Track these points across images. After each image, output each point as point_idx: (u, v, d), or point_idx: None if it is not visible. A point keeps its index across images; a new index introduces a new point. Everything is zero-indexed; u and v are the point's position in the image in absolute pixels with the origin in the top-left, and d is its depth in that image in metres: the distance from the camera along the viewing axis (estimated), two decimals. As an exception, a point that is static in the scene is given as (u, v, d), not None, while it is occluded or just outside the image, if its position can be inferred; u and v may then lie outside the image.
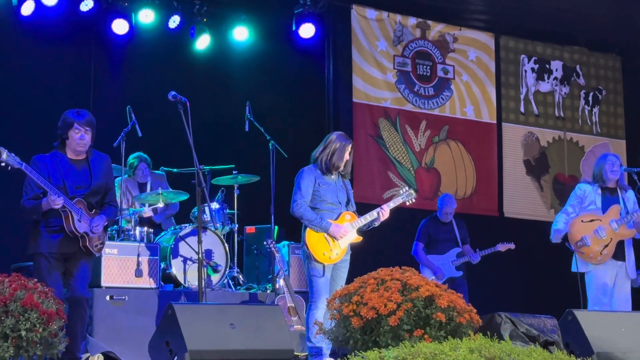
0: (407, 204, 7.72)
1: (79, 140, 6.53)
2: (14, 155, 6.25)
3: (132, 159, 9.49)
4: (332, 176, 7.39)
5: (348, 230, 7.29)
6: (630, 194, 8.40)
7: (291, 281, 8.88)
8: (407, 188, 7.81)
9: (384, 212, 7.40)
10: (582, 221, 8.31)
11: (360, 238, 7.43)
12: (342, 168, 7.38)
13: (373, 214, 7.39)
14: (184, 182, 9.45)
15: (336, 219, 7.30)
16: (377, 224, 7.48)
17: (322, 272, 7.17)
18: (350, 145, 7.42)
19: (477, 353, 4.09)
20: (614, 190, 8.41)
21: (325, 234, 7.22)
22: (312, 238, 7.22)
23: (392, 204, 7.52)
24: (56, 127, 6.69)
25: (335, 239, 7.23)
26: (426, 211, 10.87)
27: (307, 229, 7.24)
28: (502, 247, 10.22)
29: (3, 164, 6.23)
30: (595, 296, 8.10)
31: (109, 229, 7.24)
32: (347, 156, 7.37)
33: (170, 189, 9.36)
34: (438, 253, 10.11)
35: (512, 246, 10.25)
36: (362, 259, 7.81)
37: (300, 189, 7.29)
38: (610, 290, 8.17)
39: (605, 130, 13.70)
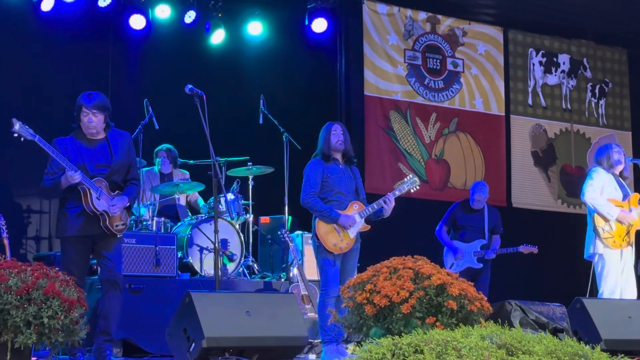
0: (412, 191, 7.65)
1: (88, 123, 6.44)
2: (27, 127, 6.17)
3: (158, 147, 9.58)
4: (340, 165, 7.38)
5: (356, 219, 7.29)
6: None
7: (304, 270, 8.88)
8: (411, 176, 7.74)
9: (388, 201, 7.36)
10: None
11: (368, 227, 7.40)
12: (342, 147, 7.36)
13: (380, 203, 7.36)
14: (200, 173, 9.47)
15: (344, 208, 7.30)
16: (386, 214, 7.44)
17: (333, 261, 7.17)
18: (334, 126, 7.41)
19: (488, 340, 4.07)
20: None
21: (335, 225, 7.22)
22: (322, 229, 7.22)
23: (397, 192, 7.49)
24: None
25: (344, 229, 7.22)
26: (436, 202, 10.85)
27: (317, 219, 7.25)
28: (524, 249, 9.96)
29: (15, 135, 6.15)
30: (612, 281, 8.01)
31: (132, 213, 7.12)
32: (335, 137, 7.36)
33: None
34: (462, 241, 9.91)
35: (535, 250, 10.03)
36: (374, 248, 7.81)
37: (309, 181, 7.29)
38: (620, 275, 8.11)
39: (611, 122, 13.67)
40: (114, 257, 6.48)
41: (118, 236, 6.51)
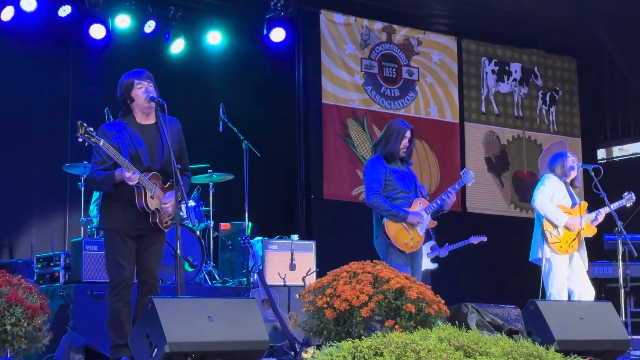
0: (469, 184, 7.56)
1: (144, 94, 6.08)
2: (92, 129, 5.76)
3: None
4: (399, 164, 7.25)
5: (424, 216, 7.15)
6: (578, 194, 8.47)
7: (265, 275, 8.85)
8: (465, 169, 7.62)
9: (451, 195, 7.25)
10: None
11: (435, 223, 7.32)
12: (404, 155, 7.23)
13: (443, 198, 7.23)
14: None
15: (409, 206, 7.16)
16: (447, 209, 7.34)
17: (407, 260, 7.04)
18: (408, 131, 7.22)
19: (446, 342, 4.10)
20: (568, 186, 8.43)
21: (404, 223, 7.10)
22: (392, 228, 7.09)
23: (457, 186, 7.35)
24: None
25: (414, 227, 7.12)
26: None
27: (386, 219, 7.09)
28: (474, 240, 10.09)
29: (80, 140, 5.74)
30: (558, 283, 8.09)
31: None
32: (406, 144, 7.20)
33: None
34: None
35: (484, 239, 10.13)
36: (332, 254, 7.81)
37: (373, 180, 7.13)
38: (567, 279, 8.19)
39: (561, 129, 13.83)
40: (153, 258, 6.17)
41: (165, 232, 6.19)
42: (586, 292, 8.13)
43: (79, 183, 9.20)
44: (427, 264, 9.85)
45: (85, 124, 5.72)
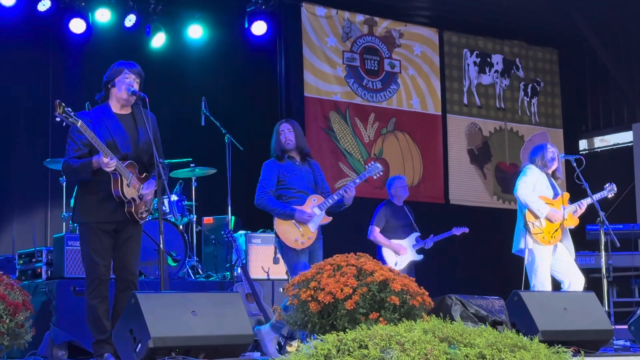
0: (375, 177, 7.51)
1: (128, 85, 6.01)
2: (70, 109, 5.68)
3: None
4: (296, 163, 7.26)
5: (315, 212, 7.14)
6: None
7: (248, 269, 8.84)
8: (373, 162, 7.59)
9: (349, 190, 7.18)
10: None
11: (330, 219, 7.25)
12: (291, 146, 7.23)
13: (339, 193, 7.20)
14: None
15: (303, 204, 7.18)
16: (347, 203, 7.30)
17: (298, 257, 7.05)
18: (281, 126, 7.29)
19: (430, 334, 4.09)
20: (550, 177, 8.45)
21: (293, 220, 7.10)
22: (282, 226, 7.11)
23: (357, 181, 7.31)
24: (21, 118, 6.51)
25: (303, 224, 7.14)
26: (376, 200, 10.89)
27: (275, 218, 7.14)
28: (456, 231, 10.11)
29: (58, 119, 5.66)
30: (542, 274, 8.11)
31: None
32: (284, 137, 7.24)
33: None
34: (399, 237, 9.82)
35: (466, 230, 10.16)
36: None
37: (262, 181, 7.18)
38: (550, 270, 8.20)
39: (543, 120, 13.87)
40: (130, 252, 6.10)
41: (141, 223, 6.13)
42: (577, 280, 8.13)
43: (60, 178, 9.16)
44: (412, 256, 9.83)
45: (63, 104, 5.64)
